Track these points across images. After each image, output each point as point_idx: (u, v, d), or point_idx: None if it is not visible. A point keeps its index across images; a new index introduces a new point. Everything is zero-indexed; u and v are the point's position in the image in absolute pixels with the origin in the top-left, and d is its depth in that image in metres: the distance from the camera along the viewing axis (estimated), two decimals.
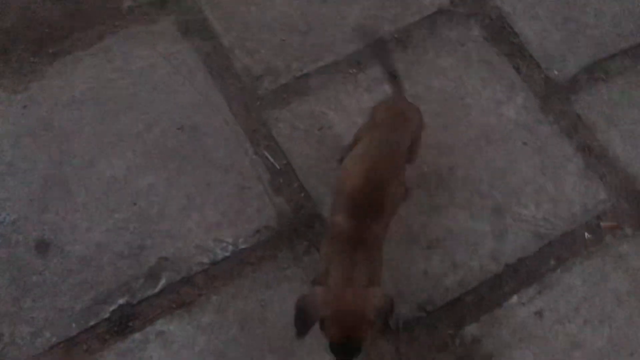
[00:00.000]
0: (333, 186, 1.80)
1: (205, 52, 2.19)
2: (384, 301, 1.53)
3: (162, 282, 1.85)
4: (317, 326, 1.50)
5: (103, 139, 2.02)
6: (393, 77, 1.89)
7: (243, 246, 1.92)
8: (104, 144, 2.01)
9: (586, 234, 2.03)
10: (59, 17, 2.18)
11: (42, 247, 1.86)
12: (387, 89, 2.14)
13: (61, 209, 1.91)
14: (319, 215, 1.98)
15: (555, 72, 2.27)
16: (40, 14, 2.18)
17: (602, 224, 2.05)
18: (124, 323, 1.79)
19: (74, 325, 1.78)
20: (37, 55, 2.13)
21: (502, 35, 2.31)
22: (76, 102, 2.07)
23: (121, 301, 1.82)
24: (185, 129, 2.06)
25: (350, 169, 1.71)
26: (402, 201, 1.86)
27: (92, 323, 1.79)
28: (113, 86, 2.11)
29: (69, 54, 2.14)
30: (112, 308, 1.81)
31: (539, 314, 1.90)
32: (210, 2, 2.27)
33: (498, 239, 1.99)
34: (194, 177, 2.00)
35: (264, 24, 2.25)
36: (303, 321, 1.52)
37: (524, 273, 1.95)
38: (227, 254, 1.91)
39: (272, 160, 2.05)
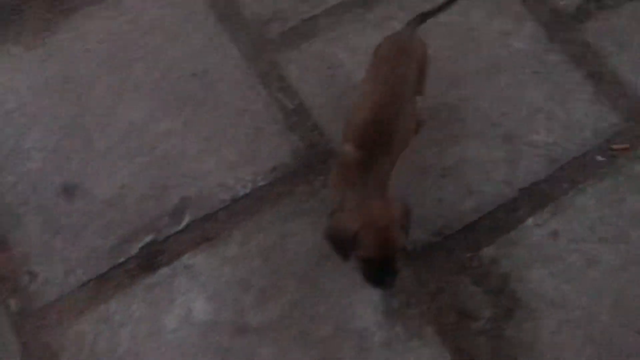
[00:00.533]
0: (343, 117, 1.85)
1: (213, 0, 2.24)
2: (405, 209, 1.59)
3: (186, 219, 1.92)
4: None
5: (120, 88, 2.08)
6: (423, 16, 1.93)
7: (261, 183, 1.98)
8: (122, 93, 2.07)
9: (598, 156, 2.06)
10: None
11: (69, 191, 1.93)
12: (395, 25, 2.19)
13: (84, 156, 1.98)
14: (333, 151, 2.02)
15: (562, 2, 2.29)
16: None
17: (613, 146, 2.08)
18: (151, 259, 1.87)
19: (104, 262, 1.86)
20: (50, 12, 2.19)
21: None
22: (91, 55, 2.13)
23: (148, 239, 1.89)
24: (199, 74, 2.11)
25: (359, 103, 1.75)
26: (414, 134, 1.90)
27: (121, 260, 1.86)
28: (126, 37, 2.16)
29: (82, 9, 2.20)
30: (139, 245, 1.88)
31: (554, 234, 1.94)
32: None
33: (511, 165, 2.02)
34: (210, 120, 2.05)
35: None
36: (340, 246, 1.58)
37: (537, 196, 1.99)
38: (247, 190, 1.96)
39: (284, 100, 2.09)
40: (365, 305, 1.83)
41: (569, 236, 1.94)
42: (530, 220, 1.97)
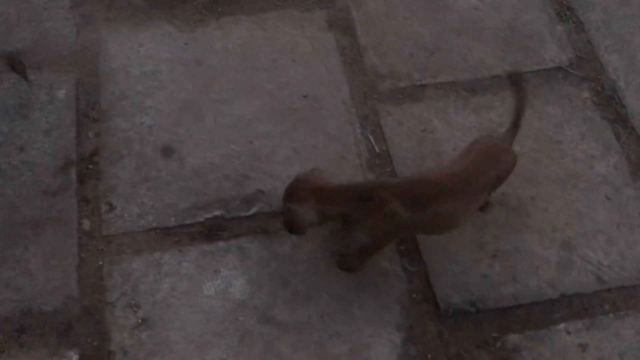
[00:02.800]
0: None
1: (342, 45, 2.52)
2: None
3: (254, 209, 2.10)
4: None
5: (241, 86, 2.35)
6: (518, 116, 2.07)
7: None
8: (241, 90, 2.34)
9: None
10: None
11: (167, 152, 2.17)
12: (492, 116, 2.38)
13: (190, 128, 2.23)
14: None
15: None
16: None
17: None
18: (213, 230, 2.05)
19: (173, 219, 2.05)
20: (208, 10, 2.53)
21: (610, 103, 2.48)
22: (227, 52, 2.43)
23: (217, 213, 2.08)
24: (309, 97, 2.36)
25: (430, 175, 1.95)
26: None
27: (188, 222, 2.05)
28: (260, 48, 2.45)
29: (233, 15, 2.53)
30: (207, 215, 2.07)
31: (583, 346, 1.97)
32: (359, 8, 2.62)
33: (561, 270, 2.10)
34: (305, 136, 2.27)
35: (399, 36, 2.56)
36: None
37: (577, 307, 2.04)
38: None
39: (373, 143, 2.29)
40: (385, 342, 1.92)
41: (597, 354, 1.97)
42: (563, 325, 2.01)
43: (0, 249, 1.93)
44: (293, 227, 1.89)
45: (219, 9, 2.55)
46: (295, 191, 1.89)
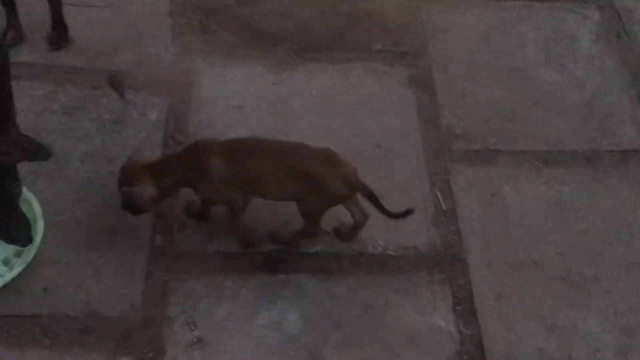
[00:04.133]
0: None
1: (421, 101, 2.59)
2: None
3: (317, 247, 2.16)
4: None
5: (319, 128, 2.45)
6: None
7: (390, 252, 2.18)
8: (318, 132, 2.43)
9: None
10: (328, 33, 2.75)
11: None
12: (564, 190, 2.38)
13: None
14: (463, 260, 2.19)
15: None
16: (316, 26, 2.77)
17: None
18: (275, 262, 2.11)
19: (238, 246, 2.14)
20: (297, 55, 2.67)
21: None
22: (310, 95, 2.55)
23: (281, 246, 2.15)
24: (383, 148, 2.43)
25: None
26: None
27: (252, 251, 2.13)
28: (341, 96, 2.56)
29: (320, 63, 2.66)
30: (271, 247, 2.14)
31: None
32: (441, 69, 2.70)
33: (620, 356, 2.04)
34: (374, 184, 2.26)
35: (477, 100, 2.62)
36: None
37: None
38: (376, 252, 2.18)
39: (441, 200, 2.32)
40: None
41: None
42: None
43: (78, 251, 2.05)
44: (134, 207, 1.99)
45: (307, 55, 2.69)
46: (129, 173, 1.99)
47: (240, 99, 2.50)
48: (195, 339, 1.94)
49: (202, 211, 2.14)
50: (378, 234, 2.21)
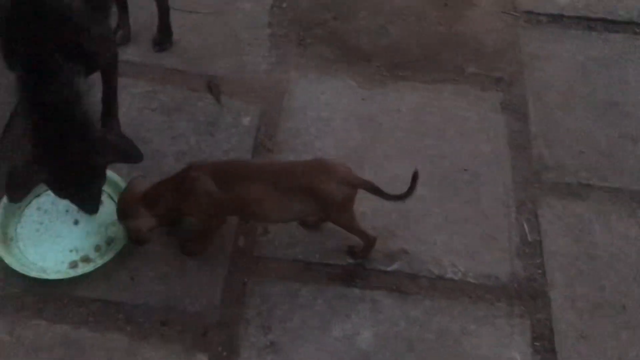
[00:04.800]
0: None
1: (512, 128, 2.54)
2: None
3: (395, 266, 2.14)
4: None
5: (405, 147, 2.44)
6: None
7: (470, 279, 2.14)
8: (404, 151, 2.43)
9: None
10: (421, 53, 2.74)
11: None
12: None
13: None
14: (546, 295, 2.11)
15: None
16: (410, 45, 2.77)
17: None
18: (352, 276, 2.11)
19: (317, 255, 2.14)
20: (389, 72, 2.68)
21: None
22: (399, 113, 2.54)
23: (359, 260, 2.15)
24: (469, 172, 2.39)
25: None
26: None
27: (330, 262, 2.13)
28: (430, 117, 2.55)
29: (411, 81, 2.66)
30: (350, 261, 2.14)
31: None
32: (536, 97, 2.64)
33: None
34: (458, 208, 2.30)
35: (572, 132, 2.53)
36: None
37: None
38: (455, 277, 2.14)
39: (527, 231, 2.26)
40: None
41: None
42: None
43: (166, 246, 2.11)
44: (137, 240, 2.03)
45: (399, 73, 2.69)
46: (125, 207, 2.00)
47: (330, 111, 2.53)
48: (268, 343, 1.96)
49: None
50: (459, 260, 2.18)
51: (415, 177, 1.98)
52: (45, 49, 1.84)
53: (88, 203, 2.04)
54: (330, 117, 2.52)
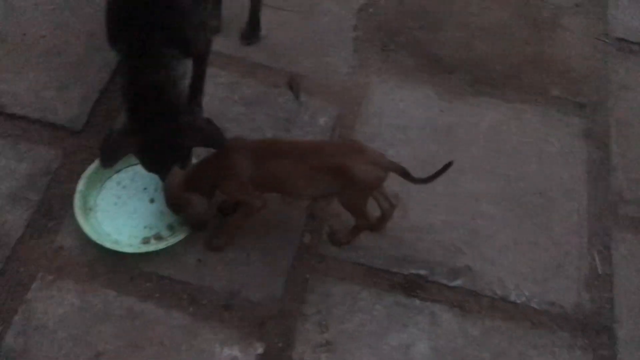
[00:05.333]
0: None
1: (592, 157, 2.47)
2: None
3: (458, 282, 2.13)
4: None
5: (480, 163, 2.41)
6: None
7: (533, 305, 2.10)
8: (479, 167, 2.40)
9: None
10: (505, 71, 2.70)
11: (394, 199, 2.28)
12: None
13: (421, 185, 2.33)
14: (612, 331, 2.05)
15: None
16: (495, 62, 2.73)
17: None
18: (413, 287, 2.11)
19: (380, 261, 2.14)
20: (471, 86, 2.65)
21: None
22: (477, 128, 2.51)
23: (421, 272, 2.14)
24: (543, 196, 2.35)
25: None
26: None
27: (392, 269, 2.13)
28: (508, 135, 2.50)
29: (492, 98, 2.62)
30: (412, 271, 2.14)
31: None
32: (621, 127, 2.56)
33: None
34: (528, 231, 2.26)
35: None
36: None
37: None
38: (518, 301, 2.10)
39: (598, 263, 2.19)
40: None
41: None
42: None
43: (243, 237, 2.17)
44: (198, 225, 2.08)
45: (481, 89, 2.65)
46: (175, 199, 2.03)
47: (407, 119, 2.53)
48: (324, 342, 1.98)
49: (230, 209, 2.18)
50: (524, 284, 2.14)
51: (447, 166, 2.01)
52: (150, 33, 1.94)
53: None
54: (406, 125, 2.52)
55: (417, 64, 2.73)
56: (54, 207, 2.18)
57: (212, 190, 2.06)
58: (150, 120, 1.96)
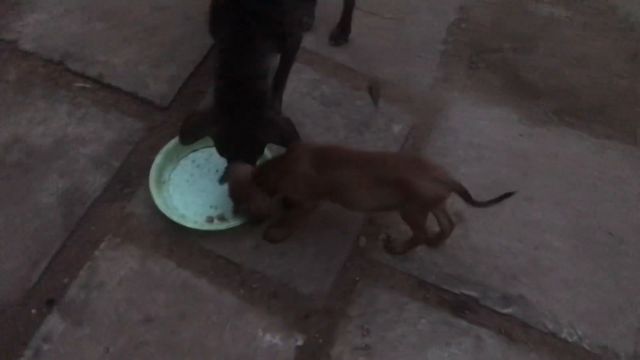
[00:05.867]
0: None
1: None
2: None
3: (509, 310, 2.08)
4: None
5: (552, 193, 2.35)
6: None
7: (584, 346, 2.03)
8: (550, 197, 2.34)
9: None
10: (594, 103, 2.62)
11: (458, 217, 2.24)
12: None
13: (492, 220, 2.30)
14: None
15: None
16: (584, 93, 2.65)
17: None
18: (462, 307, 2.08)
19: (433, 276, 2.14)
20: (556, 115, 2.57)
21: None
22: (555, 158, 2.45)
23: (473, 294, 2.11)
24: (614, 237, 2.25)
25: None
26: None
27: (444, 287, 2.12)
28: (587, 169, 2.43)
29: (576, 130, 2.53)
30: (464, 291, 2.11)
31: None
32: None
33: None
34: (593, 272, 2.17)
35: None
36: None
37: None
38: (569, 339, 2.03)
39: None
40: None
41: None
42: None
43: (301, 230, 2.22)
44: (257, 219, 2.14)
45: (566, 118, 2.58)
46: (240, 191, 2.10)
47: (483, 139, 2.49)
48: (364, 345, 1.99)
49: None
50: (578, 323, 2.06)
51: (507, 195, 1.98)
52: (250, 25, 2.02)
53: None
54: (482, 144, 2.48)
55: (503, 85, 2.68)
56: (131, 176, 2.32)
57: (275, 188, 2.10)
58: (234, 109, 2.05)
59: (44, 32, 2.67)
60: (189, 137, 2.15)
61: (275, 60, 2.18)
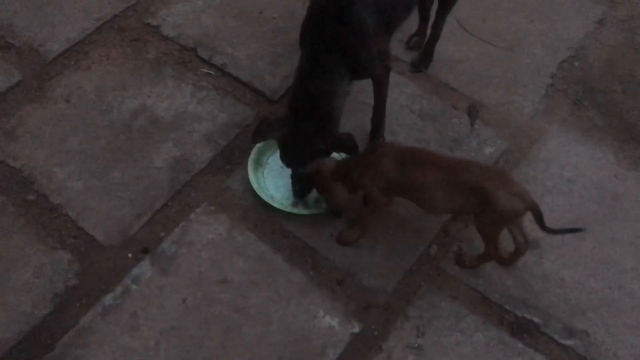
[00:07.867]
0: None
1: None
2: None
3: (569, 342, 2.07)
4: None
5: (636, 235, 2.30)
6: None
7: None
8: (631, 237, 2.29)
9: None
10: None
11: (534, 244, 2.27)
12: None
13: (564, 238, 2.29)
14: None
15: None
16: None
17: None
18: (522, 330, 2.10)
19: (497, 296, 2.17)
20: None
21: None
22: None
23: (536, 319, 2.12)
24: None
25: None
26: None
27: (506, 307, 2.15)
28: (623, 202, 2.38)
29: None
30: (526, 315, 2.13)
31: None
32: None
33: None
34: (623, 333, 2.12)
35: None
36: None
37: None
38: None
39: None
40: None
41: None
42: None
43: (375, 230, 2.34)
44: (336, 211, 2.27)
45: None
46: (322, 183, 2.21)
47: (575, 174, 2.48)
48: (416, 345, 2.06)
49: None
50: None
51: (576, 229, 2.05)
52: (328, 49, 2.20)
53: (299, 184, 2.36)
54: (572, 179, 2.47)
55: (606, 125, 2.65)
56: (234, 155, 2.55)
57: (357, 183, 2.21)
58: (300, 120, 2.24)
59: (183, 22, 3.01)
60: (258, 137, 2.36)
61: (347, 86, 2.31)
